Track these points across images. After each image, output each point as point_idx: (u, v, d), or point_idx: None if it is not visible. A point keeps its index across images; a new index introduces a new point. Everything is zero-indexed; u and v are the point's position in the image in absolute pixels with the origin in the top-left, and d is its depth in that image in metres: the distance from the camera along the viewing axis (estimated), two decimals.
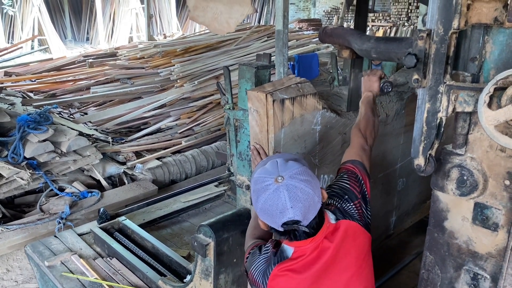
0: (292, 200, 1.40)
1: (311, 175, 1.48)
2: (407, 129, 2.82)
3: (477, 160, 1.49)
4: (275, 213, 1.42)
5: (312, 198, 1.43)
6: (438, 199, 1.65)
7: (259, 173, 1.49)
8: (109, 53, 10.51)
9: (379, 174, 2.79)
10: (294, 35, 10.87)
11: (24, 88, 8.40)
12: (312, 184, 1.44)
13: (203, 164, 5.85)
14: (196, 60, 8.07)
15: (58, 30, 17.74)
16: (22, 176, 4.32)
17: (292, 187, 1.40)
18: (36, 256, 3.25)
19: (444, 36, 1.36)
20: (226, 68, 2.75)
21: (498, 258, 1.54)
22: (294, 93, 1.96)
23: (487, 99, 1.27)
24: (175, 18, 18.22)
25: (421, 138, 1.51)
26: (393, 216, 3.12)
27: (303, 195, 1.41)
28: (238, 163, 2.49)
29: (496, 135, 1.28)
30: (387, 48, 1.68)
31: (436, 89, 1.42)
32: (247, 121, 2.22)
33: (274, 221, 1.44)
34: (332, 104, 2.36)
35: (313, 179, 1.47)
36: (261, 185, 1.44)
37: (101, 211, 3.61)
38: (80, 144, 4.92)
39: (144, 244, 3.33)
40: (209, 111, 7.26)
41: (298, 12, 20.58)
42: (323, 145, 2.22)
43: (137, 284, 2.92)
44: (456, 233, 1.64)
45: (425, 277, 1.80)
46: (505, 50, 1.36)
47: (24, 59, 11.56)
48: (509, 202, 1.46)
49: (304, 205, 1.41)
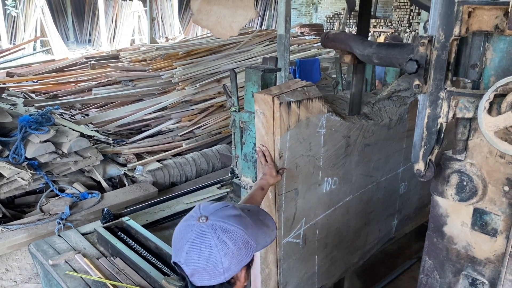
0: (191, 247, 1.19)
1: (241, 246, 1.21)
2: (410, 134, 2.84)
3: (477, 166, 1.51)
4: (175, 246, 1.27)
5: (215, 264, 1.17)
6: (438, 204, 1.67)
7: (203, 203, 1.33)
8: (111, 55, 10.54)
9: (382, 178, 2.81)
10: (295, 39, 10.89)
11: (26, 89, 8.41)
12: (227, 252, 1.18)
13: (203, 167, 5.86)
14: (197, 63, 8.08)
15: (61, 32, 17.76)
16: (23, 176, 4.33)
17: (202, 236, 1.19)
18: (40, 254, 3.27)
19: (445, 43, 1.38)
20: (233, 71, 2.80)
21: (496, 263, 1.55)
22: (300, 96, 1.98)
23: (487, 106, 1.28)
24: (178, 21, 18.27)
25: (421, 143, 1.52)
26: (394, 220, 3.14)
27: (206, 252, 1.18)
28: (243, 164, 2.51)
29: (496, 141, 1.29)
30: (388, 54, 1.69)
31: (437, 95, 1.43)
32: (253, 123, 2.23)
33: (172, 252, 1.29)
34: (336, 108, 2.38)
35: (238, 249, 1.20)
36: (191, 212, 1.30)
37: (105, 211, 3.65)
38: (81, 145, 4.93)
39: (148, 244, 3.35)
40: (210, 114, 7.27)
41: (300, 17, 20.63)
42: (327, 148, 2.24)
43: (140, 284, 2.93)
44: (455, 238, 1.65)
45: (423, 282, 1.81)
46: (506, 57, 1.37)
47: (26, 60, 11.60)
48: (508, 208, 1.47)
49: (199, 262, 1.18)
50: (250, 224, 1.25)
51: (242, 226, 1.23)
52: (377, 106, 2.66)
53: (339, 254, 2.68)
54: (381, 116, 2.60)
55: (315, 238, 2.42)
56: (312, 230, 2.37)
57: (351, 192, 2.58)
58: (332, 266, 2.65)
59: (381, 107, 2.67)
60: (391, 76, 3.21)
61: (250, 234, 1.23)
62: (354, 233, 2.76)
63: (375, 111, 2.61)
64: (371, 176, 2.71)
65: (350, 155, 2.43)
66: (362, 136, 2.45)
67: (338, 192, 2.47)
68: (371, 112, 2.59)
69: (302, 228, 2.29)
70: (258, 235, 1.26)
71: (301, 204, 2.22)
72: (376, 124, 2.53)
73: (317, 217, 2.38)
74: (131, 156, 5.71)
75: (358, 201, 2.68)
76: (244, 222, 1.25)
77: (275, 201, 2.08)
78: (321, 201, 2.36)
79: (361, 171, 2.59)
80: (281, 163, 2.01)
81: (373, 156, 2.64)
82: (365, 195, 2.73)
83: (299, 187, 2.17)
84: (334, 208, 2.49)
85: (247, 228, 1.24)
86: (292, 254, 2.28)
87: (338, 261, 2.70)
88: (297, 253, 2.31)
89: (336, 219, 2.53)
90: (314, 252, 2.46)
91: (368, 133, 2.49)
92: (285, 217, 2.15)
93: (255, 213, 1.35)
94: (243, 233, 1.22)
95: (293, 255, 2.29)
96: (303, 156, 2.12)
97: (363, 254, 2.95)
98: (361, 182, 2.64)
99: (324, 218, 2.43)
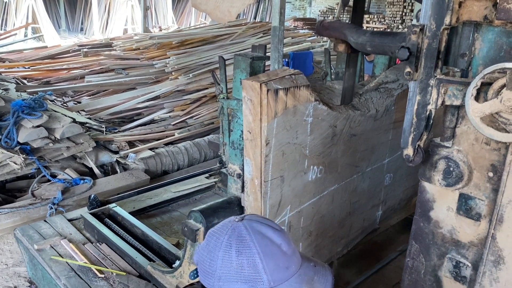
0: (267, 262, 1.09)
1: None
2: (396, 126, 2.88)
3: (463, 153, 1.56)
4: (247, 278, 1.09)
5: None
6: (425, 190, 1.72)
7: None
8: (104, 43, 10.48)
9: (367, 168, 2.85)
10: (289, 33, 10.91)
11: (18, 75, 8.36)
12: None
13: (195, 156, 5.89)
14: (191, 53, 8.09)
15: (52, 19, 17.59)
16: (15, 161, 4.33)
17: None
18: (25, 239, 3.26)
19: (436, 32, 1.43)
20: (222, 58, 2.79)
21: (479, 247, 1.61)
22: (288, 84, 1.99)
23: (474, 92, 1.34)
24: (171, 12, 18.20)
25: (411, 129, 1.58)
26: (379, 210, 3.19)
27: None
28: (231, 152, 2.53)
29: (481, 127, 1.35)
30: (381, 42, 1.74)
31: (427, 82, 1.49)
32: (241, 111, 2.23)
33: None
34: (324, 98, 2.41)
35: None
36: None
37: (92, 198, 3.63)
38: (74, 131, 4.93)
39: (134, 231, 3.35)
40: (203, 105, 7.29)
41: (294, 10, 20.62)
42: (314, 137, 2.26)
43: (125, 269, 2.93)
44: (441, 223, 1.71)
45: (410, 265, 1.88)
46: (493, 47, 1.43)
47: (17, 46, 11.49)
48: (492, 193, 1.53)
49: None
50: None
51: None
52: (364, 97, 2.68)
53: (323, 242, 2.71)
54: (368, 107, 2.62)
55: (299, 226, 2.44)
56: (297, 217, 2.39)
57: (336, 181, 2.60)
58: (317, 254, 2.68)
59: (368, 98, 2.69)
60: (379, 68, 3.25)
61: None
62: (339, 222, 2.79)
63: (362, 102, 2.64)
64: (357, 166, 2.74)
65: (336, 145, 2.45)
66: (348, 126, 2.47)
67: (324, 180, 2.49)
68: (358, 103, 2.61)
69: (287, 215, 2.31)
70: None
71: (287, 192, 2.24)
72: (363, 114, 2.55)
73: (302, 204, 2.40)
74: (124, 144, 5.72)
75: (343, 190, 2.70)
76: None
77: (260, 188, 2.09)
78: (307, 189, 2.38)
79: (347, 160, 2.62)
80: (268, 150, 2.02)
81: (359, 147, 2.66)
82: (350, 185, 2.75)
83: (285, 175, 2.18)
84: (319, 196, 2.52)
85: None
86: None
87: (322, 249, 2.73)
88: None
89: (321, 207, 2.56)
90: (299, 240, 2.48)
91: (355, 124, 2.51)
92: (270, 203, 2.17)
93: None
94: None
95: None
96: (289, 144, 2.13)
97: (347, 243, 2.98)
98: (347, 172, 2.66)
99: (309, 206, 2.46)
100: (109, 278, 2.85)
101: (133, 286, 2.79)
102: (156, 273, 2.75)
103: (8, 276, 3.76)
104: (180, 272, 2.58)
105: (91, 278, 2.83)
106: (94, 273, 2.87)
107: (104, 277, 2.85)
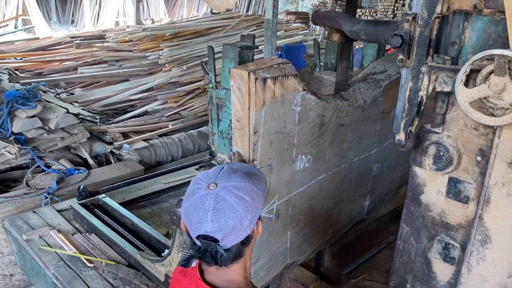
0: (215, 213, 1.20)
1: (254, 196, 1.27)
2: (383, 116, 2.89)
3: (453, 138, 1.62)
4: (194, 221, 1.23)
5: (241, 219, 1.22)
6: (416, 174, 1.78)
7: (200, 174, 1.32)
8: (96, 35, 10.45)
9: (355, 158, 2.86)
10: (282, 26, 10.95)
11: (10, 66, 8.32)
12: (247, 205, 1.24)
13: (189, 147, 5.93)
14: (184, 45, 8.10)
15: (43, 11, 17.44)
16: (10, 150, 4.34)
17: (221, 199, 1.21)
18: (14, 230, 3.25)
19: (428, 20, 1.48)
20: (211, 48, 2.77)
21: (467, 228, 1.68)
22: (276, 73, 1.99)
23: (463, 78, 1.40)
24: (163, 4, 18.13)
25: (403, 115, 1.63)
26: (367, 200, 3.21)
27: (230, 212, 1.21)
28: (219, 141, 2.53)
29: (470, 111, 1.41)
30: (375, 30, 1.79)
31: (419, 69, 1.54)
32: (229, 100, 2.22)
33: (192, 230, 1.26)
34: (312, 88, 2.42)
35: (253, 200, 1.26)
36: (193, 186, 1.28)
37: (81, 188, 3.61)
38: (68, 122, 4.95)
39: (123, 221, 3.34)
40: (197, 97, 7.32)
41: (286, 4, 20.62)
42: (302, 126, 2.26)
43: (115, 259, 2.94)
44: (431, 206, 1.77)
45: (401, 247, 1.94)
46: (482, 36, 1.48)
47: (8, 37, 11.40)
48: (479, 176, 1.59)
49: (228, 224, 1.21)
50: (247, 175, 1.33)
51: (246, 179, 1.29)
52: (352, 87, 2.68)
53: (311, 231, 2.71)
54: (355, 97, 2.62)
55: (288, 214, 2.45)
56: (285, 206, 2.40)
57: (324, 170, 2.61)
58: (304, 243, 2.69)
59: (356, 88, 2.69)
60: (368, 60, 3.27)
61: (254, 184, 1.30)
62: (327, 211, 2.80)
63: (350, 92, 2.64)
64: (344, 156, 2.75)
65: (324, 134, 2.46)
66: (336, 116, 2.48)
67: (312, 170, 2.49)
68: (346, 93, 2.62)
69: (275, 203, 2.31)
70: (256, 183, 1.34)
71: (275, 180, 2.24)
72: (351, 105, 2.55)
73: (290, 193, 2.40)
74: (118, 135, 5.75)
75: (331, 180, 2.71)
76: (244, 175, 1.31)
77: None
78: (295, 178, 2.38)
79: (335, 150, 2.62)
80: (256, 139, 2.03)
81: (346, 136, 2.67)
82: (338, 175, 2.75)
83: (273, 163, 2.19)
84: (307, 185, 2.52)
85: (249, 179, 1.30)
86: (265, 229, 2.28)
87: (310, 237, 2.74)
88: (270, 228, 2.33)
89: (309, 196, 2.56)
90: (287, 228, 2.49)
91: (343, 114, 2.52)
92: None
93: (240, 167, 1.42)
94: (251, 184, 1.28)
95: (266, 230, 2.30)
96: (277, 133, 2.13)
97: (335, 232, 2.99)
98: (334, 162, 2.67)
99: (297, 195, 2.46)
100: (99, 268, 2.85)
101: (123, 275, 2.80)
102: (145, 262, 2.75)
103: (4, 265, 3.79)
104: (169, 261, 2.58)
105: (80, 268, 2.84)
106: (83, 263, 2.88)
107: (94, 266, 2.86)
